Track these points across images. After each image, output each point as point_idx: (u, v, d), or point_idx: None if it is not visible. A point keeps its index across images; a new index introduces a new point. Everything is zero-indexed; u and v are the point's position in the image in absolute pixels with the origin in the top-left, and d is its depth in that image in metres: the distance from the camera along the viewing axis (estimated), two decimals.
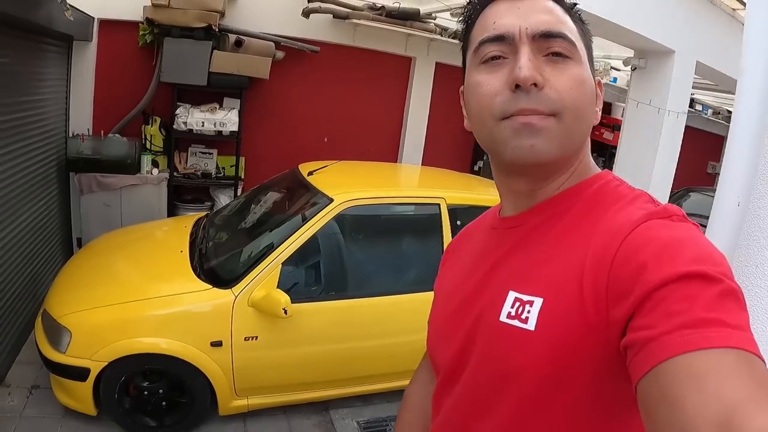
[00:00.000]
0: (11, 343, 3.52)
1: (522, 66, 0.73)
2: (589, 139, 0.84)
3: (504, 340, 0.75)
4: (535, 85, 0.73)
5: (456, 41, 5.25)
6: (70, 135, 4.66)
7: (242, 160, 5.42)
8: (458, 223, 3.41)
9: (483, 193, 3.91)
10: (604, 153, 8.07)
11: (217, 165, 5.32)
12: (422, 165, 6.11)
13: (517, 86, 0.73)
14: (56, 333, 2.83)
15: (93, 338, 2.79)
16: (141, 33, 4.79)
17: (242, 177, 5.45)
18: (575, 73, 0.76)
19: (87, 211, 4.73)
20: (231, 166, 5.34)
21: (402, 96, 6.26)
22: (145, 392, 2.93)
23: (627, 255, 0.65)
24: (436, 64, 6.08)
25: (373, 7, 5.27)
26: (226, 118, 4.96)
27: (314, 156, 4.50)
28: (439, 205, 3.51)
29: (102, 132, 4.82)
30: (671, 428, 0.51)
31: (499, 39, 0.77)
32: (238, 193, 5.21)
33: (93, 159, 4.59)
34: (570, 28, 0.78)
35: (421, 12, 5.29)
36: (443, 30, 5.53)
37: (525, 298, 0.74)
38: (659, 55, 2.38)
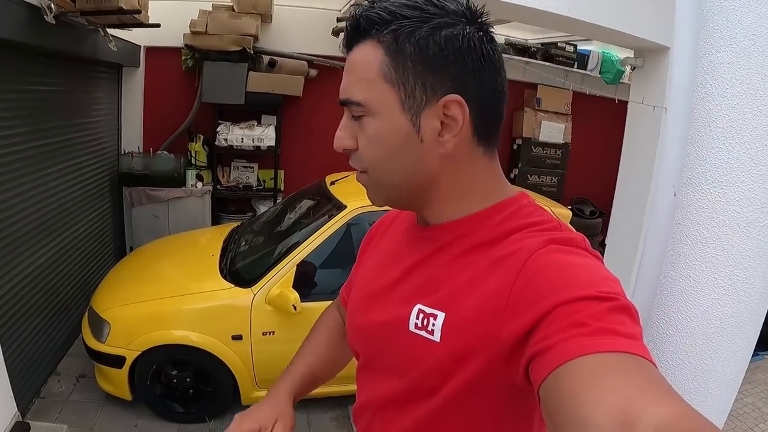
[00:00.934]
0: (63, 338, 3.92)
1: (336, 137, 0.83)
2: (457, 170, 0.81)
3: (413, 347, 0.80)
4: (350, 149, 0.82)
5: None
6: (122, 152, 5.08)
7: (281, 172, 5.67)
8: None
9: None
10: None
11: (258, 178, 5.58)
12: None
13: None
14: (98, 325, 3.17)
15: (129, 330, 3.12)
16: (183, 58, 5.15)
17: (281, 188, 5.67)
18: (371, 131, 0.79)
19: (138, 222, 5.11)
20: (271, 179, 5.62)
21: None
22: (174, 380, 3.23)
23: (525, 280, 0.69)
24: None
25: None
26: (263, 134, 5.23)
27: (346, 167, 4.67)
28: None
29: (151, 149, 5.20)
30: (571, 422, 0.53)
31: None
32: (277, 202, 5.47)
33: (143, 174, 4.96)
34: (369, 78, 0.77)
35: None
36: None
37: (428, 310, 0.79)
38: (655, 53, 2.45)
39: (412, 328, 0.80)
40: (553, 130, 6.27)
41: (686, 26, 1.55)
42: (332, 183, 3.94)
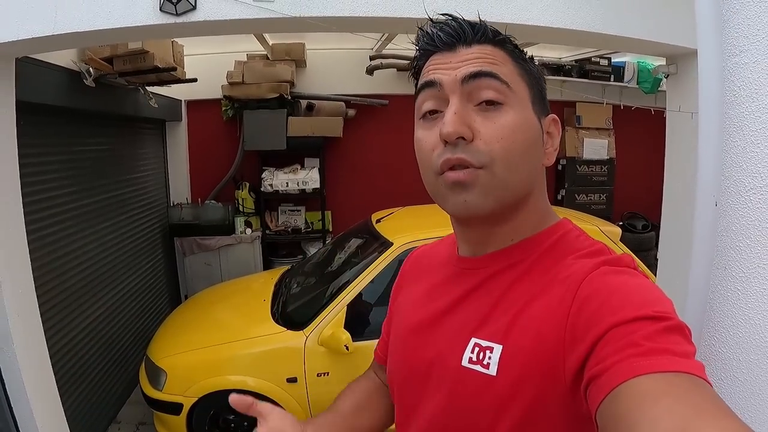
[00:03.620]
0: (123, 386, 4.02)
1: (446, 121, 0.74)
2: (543, 185, 0.85)
3: (468, 383, 0.76)
4: (464, 138, 0.74)
5: None
6: (171, 204, 5.24)
7: (328, 213, 5.70)
8: None
9: None
10: None
11: (305, 220, 5.65)
12: None
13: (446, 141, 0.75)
14: (155, 374, 3.23)
15: (185, 377, 3.16)
16: (223, 109, 5.32)
17: (330, 229, 5.75)
18: (507, 121, 0.75)
19: (191, 271, 5.25)
20: (318, 220, 5.67)
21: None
22: (232, 425, 3.24)
23: (580, 304, 0.68)
24: None
25: None
26: (308, 177, 5.32)
27: (392, 202, 4.65)
28: None
29: (199, 199, 5.37)
30: None
31: (429, 84, 0.79)
32: (326, 243, 5.51)
33: (192, 224, 5.12)
34: (506, 70, 0.77)
35: None
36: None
37: (484, 344, 0.75)
38: (685, 57, 2.39)
39: (465, 363, 0.76)
40: (596, 147, 6.17)
41: (708, 27, 1.51)
42: (378, 221, 3.96)
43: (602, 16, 2.26)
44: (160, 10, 2.07)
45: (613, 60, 5.61)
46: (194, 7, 2.07)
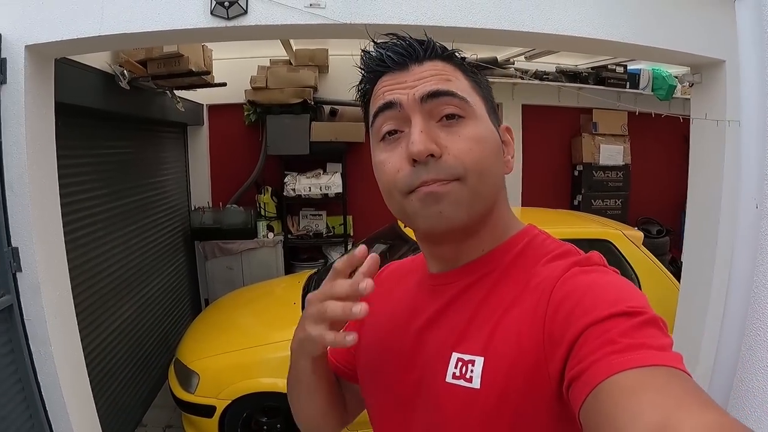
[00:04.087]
0: (147, 390, 4.04)
1: (414, 140, 0.74)
2: (506, 193, 0.85)
3: (454, 399, 0.75)
4: (433, 155, 0.74)
5: (537, 82, 5.41)
6: (193, 208, 5.28)
7: (349, 218, 5.74)
8: None
9: (569, 225, 4.11)
10: None
11: (327, 225, 5.69)
12: (522, 205, 6.17)
13: (416, 160, 0.74)
14: (186, 376, 3.24)
15: (218, 379, 3.18)
16: (246, 113, 5.37)
17: (351, 233, 5.80)
18: (471, 133, 0.76)
19: (212, 274, 5.28)
20: (340, 225, 5.69)
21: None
22: (265, 426, 3.25)
23: (555, 307, 0.68)
24: (523, 106, 6.09)
25: None
26: (330, 182, 5.35)
27: None
28: None
29: (220, 203, 5.40)
30: None
31: (388, 106, 0.78)
32: (348, 249, 5.51)
33: (214, 228, 5.15)
34: (460, 85, 0.79)
35: (499, 59, 5.42)
36: (524, 72, 5.67)
37: (466, 357, 0.75)
38: (711, 67, 2.43)
39: (449, 379, 0.75)
40: (612, 153, 6.24)
41: (748, 39, 1.55)
42: (406, 225, 3.96)
43: (633, 27, 2.33)
44: (211, 13, 2.11)
45: (628, 67, 5.66)
46: (245, 12, 2.10)
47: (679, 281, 2.82)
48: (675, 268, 4.15)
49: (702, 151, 2.62)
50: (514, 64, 5.61)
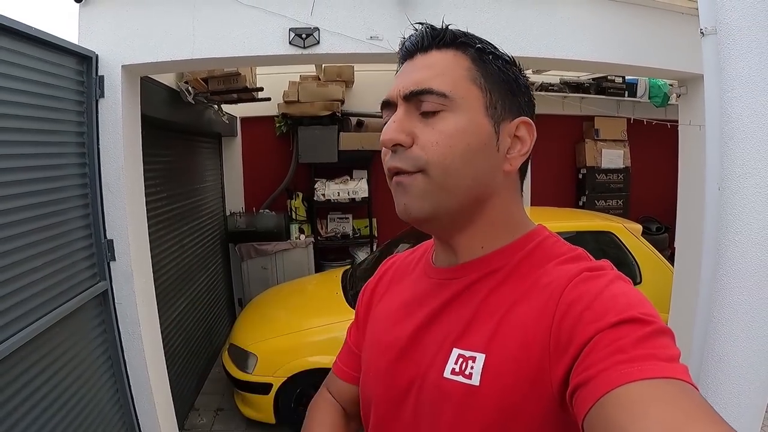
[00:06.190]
0: (197, 378, 4.40)
1: (385, 129, 0.77)
2: (510, 190, 0.82)
3: (451, 395, 0.73)
4: (401, 145, 0.75)
5: (543, 93, 5.81)
6: (228, 213, 5.68)
7: (374, 220, 6.12)
8: None
9: (577, 220, 4.58)
10: None
11: (353, 227, 6.12)
12: (531, 205, 6.49)
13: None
14: (243, 358, 3.63)
15: (274, 360, 3.56)
16: (277, 125, 5.77)
17: (376, 235, 6.17)
18: (447, 126, 0.74)
19: (248, 274, 5.64)
20: (365, 227, 6.11)
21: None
22: None
23: (564, 310, 0.67)
24: None
25: None
26: (357, 187, 5.74)
27: None
28: None
29: (253, 209, 5.79)
30: None
31: (386, 104, 0.81)
32: (373, 249, 5.90)
33: (249, 231, 5.53)
34: (452, 77, 0.76)
35: None
36: (531, 85, 5.99)
37: (467, 354, 0.73)
38: (693, 80, 2.88)
39: (447, 374, 0.74)
40: (612, 157, 6.66)
41: (711, 65, 1.93)
42: None
43: (626, 50, 2.78)
44: (289, 43, 2.52)
45: (627, 77, 6.05)
46: (318, 42, 2.51)
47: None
48: (674, 261, 4.55)
49: (688, 151, 3.07)
50: None
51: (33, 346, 2.05)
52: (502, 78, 0.79)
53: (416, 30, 0.81)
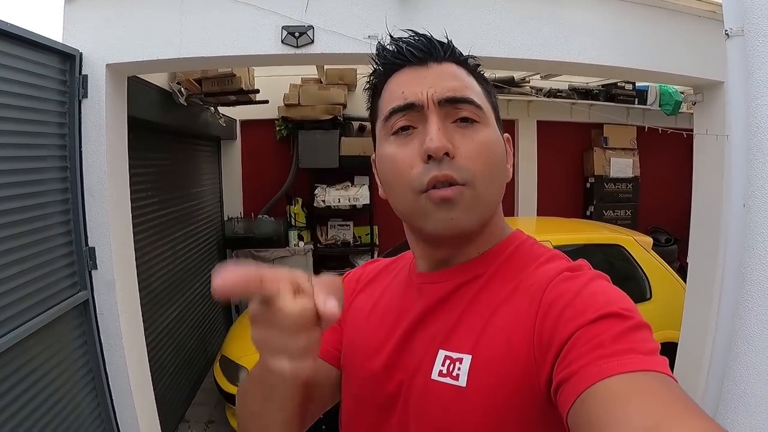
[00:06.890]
0: (188, 389, 4.27)
1: (432, 137, 0.73)
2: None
3: (437, 397, 0.73)
4: (447, 154, 0.73)
5: (551, 99, 5.68)
6: (226, 218, 5.55)
7: (375, 228, 5.96)
8: None
9: (584, 231, 4.35)
10: None
11: (354, 235, 5.97)
12: (537, 215, 6.36)
13: (430, 157, 0.73)
14: (234, 371, 3.51)
15: None
16: (277, 129, 5.65)
17: (377, 243, 6.01)
18: (483, 138, 0.76)
19: None
20: (366, 235, 5.96)
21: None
22: None
23: (545, 310, 0.68)
24: (537, 122, 6.27)
25: None
26: (358, 194, 5.61)
27: None
28: None
29: (252, 214, 5.66)
30: None
31: (409, 107, 0.76)
32: (374, 257, 5.78)
33: (246, 237, 5.41)
34: (476, 92, 0.79)
35: (515, 78, 5.57)
36: (538, 90, 5.81)
37: (454, 355, 0.74)
38: (711, 87, 2.73)
39: (435, 376, 0.74)
40: (621, 166, 6.54)
41: (736, 70, 1.79)
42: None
43: (642, 54, 2.64)
44: (282, 42, 2.39)
45: (637, 84, 5.92)
46: (312, 41, 2.38)
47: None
48: (683, 274, 4.40)
49: (704, 162, 2.92)
50: (529, 82, 5.85)
51: (6, 358, 1.96)
52: (494, 96, 0.85)
53: (413, 37, 0.81)
